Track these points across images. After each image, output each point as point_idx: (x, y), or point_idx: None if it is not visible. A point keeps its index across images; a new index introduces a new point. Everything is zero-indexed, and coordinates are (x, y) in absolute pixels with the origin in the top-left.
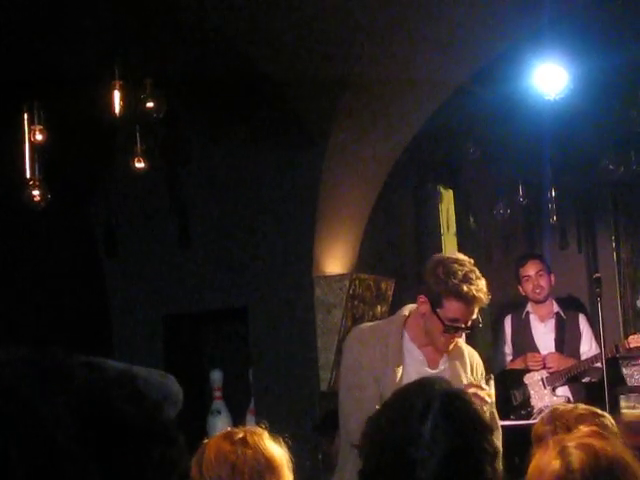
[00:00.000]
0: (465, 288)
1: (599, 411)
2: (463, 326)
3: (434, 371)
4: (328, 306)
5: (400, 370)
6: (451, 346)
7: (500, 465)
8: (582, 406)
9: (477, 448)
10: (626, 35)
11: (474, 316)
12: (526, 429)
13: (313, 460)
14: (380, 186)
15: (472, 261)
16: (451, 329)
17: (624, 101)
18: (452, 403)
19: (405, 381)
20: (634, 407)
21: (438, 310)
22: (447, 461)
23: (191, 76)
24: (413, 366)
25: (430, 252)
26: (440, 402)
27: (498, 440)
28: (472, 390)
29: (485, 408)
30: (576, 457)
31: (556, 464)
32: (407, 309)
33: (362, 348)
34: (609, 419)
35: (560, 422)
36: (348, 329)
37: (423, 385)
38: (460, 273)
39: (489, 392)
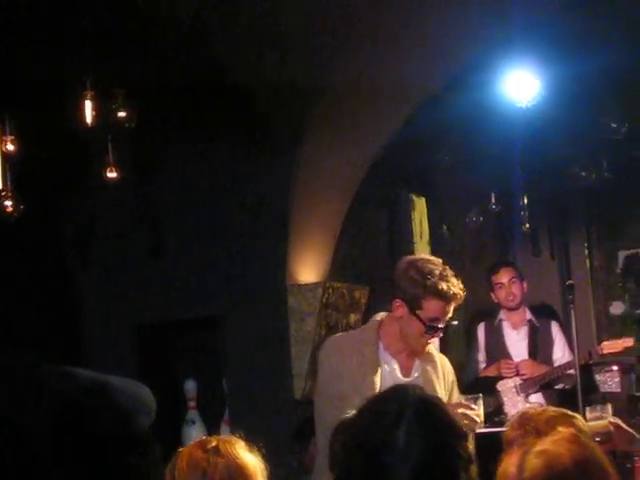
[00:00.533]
0: (444, 286)
1: (569, 412)
2: (442, 325)
3: (408, 379)
4: (302, 315)
5: (378, 379)
6: (427, 348)
7: (474, 471)
8: (552, 409)
9: (451, 454)
10: (597, 42)
11: (450, 316)
12: (499, 436)
13: (288, 469)
14: (352, 194)
15: (440, 260)
16: (432, 329)
17: (596, 108)
18: (426, 409)
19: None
20: (600, 417)
21: (418, 312)
22: (421, 467)
23: (163, 86)
24: (389, 375)
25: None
26: (414, 408)
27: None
28: (461, 410)
29: (475, 428)
30: (530, 464)
31: (513, 470)
32: (379, 317)
33: (340, 358)
34: (580, 420)
35: (530, 426)
36: (322, 338)
37: (397, 391)
38: (436, 272)
39: (478, 412)
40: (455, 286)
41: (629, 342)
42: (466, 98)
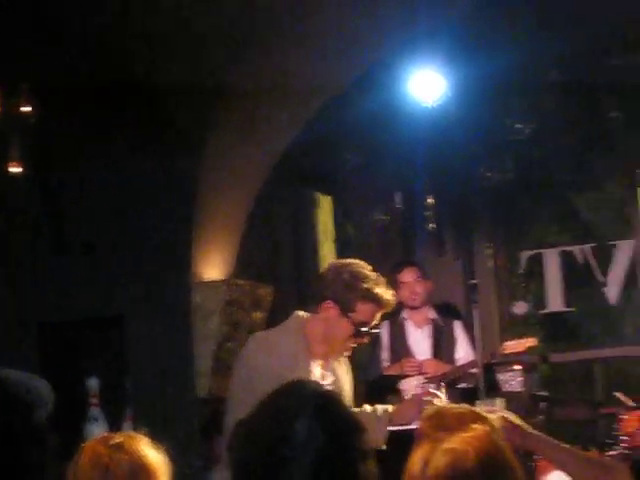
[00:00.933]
0: (380, 292)
1: (477, 409)
2: (370, 330)
3: (326, 382)
4: (206, 312)
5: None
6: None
7: (372, 464)
8: (464, 406)
9: (351, 447)
10: (502, 43)
11: (377, 321)
12: (401, 435)
13: (191, 467)
14: (257, 193)
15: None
16: (360, 333)
17: (501, 108)
18: (325, 404)
19: None
20: (491, 412)
21: (350, 314)
22: (320, 460)
23: (68, 82)
24: (311, 375)
25: (308, 259)
26: (313, 402)
27: None
28: (427, 399)
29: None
30: (435, 462)
31: (416, 468)
32: (301, 315)
33: (265, 357)
34: (491, 420)
35: (441, 421)
36: (226, 335)
37: (295, 387)
38: (372, 277)
39: (443, 400)
40: (389, 292)
41: (531, 342)
42: (372, 97)
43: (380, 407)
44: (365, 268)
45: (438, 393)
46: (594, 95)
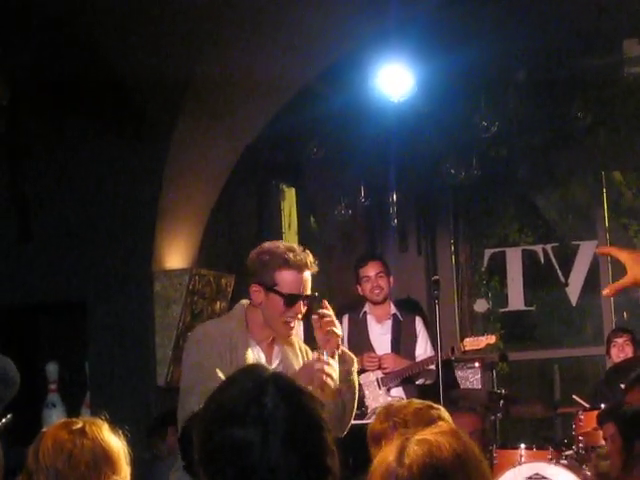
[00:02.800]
0: (292, 256)
1: (434, 405)
2: (302, 296)
3: (272, 366)
4: (167, 301)
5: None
6: (293, 332)
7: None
8: (417, 401)
9: (315, 417)
10: (471, 41)
11: (309, 289)
12: (359, 428)
13: (148, 454)
14: (222, 183)
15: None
16: (291, 300)
17: (467, 106)
18: (284, 381)
19: None
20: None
21: (275, 288)
22: (290, 432)
23: (35, 68)
24: (254, 361)
25: None
26: (273, 381)
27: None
28: (318, 366)
29: (330, 382)
30: (412, 451)
31: (391, 457)
32: (244, 303)
33: (210, 345)
34: (444, 412)
35: (398, 418)
36: (187, 325)
37: (251, 370)
38: (282, 246)
39: (334, 367)
40: (304, 256)
41: (491, 339)
42: (340, 92)
43: None
44: (276, 242)
45: (331, 362)
46: (560, 95)
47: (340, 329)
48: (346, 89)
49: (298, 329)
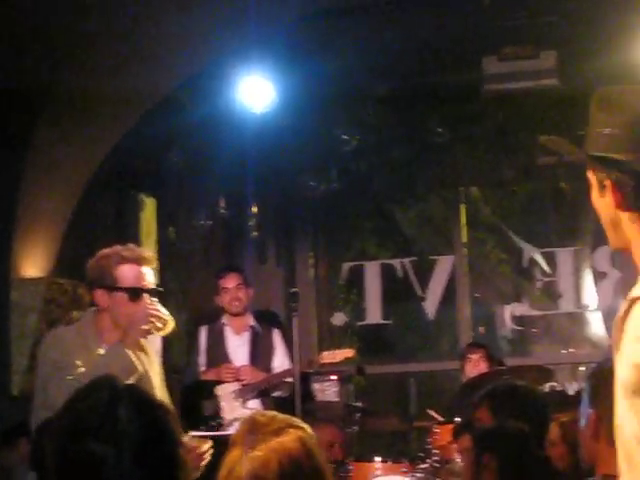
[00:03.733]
0: (128, 252)
1: (297, 421)
2: (146, 290)
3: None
4: (24, 309)
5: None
6: (146, 327)
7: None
8: (281, 416)
9: (168, 432)
10: (331, 54)
11: (152, 284)
12: (215, 440)
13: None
14: (81, 191)
15: None
16: (135, 292)
17: (328, 119)
18: (140, 396)
19: None
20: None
21: (116, 286)
22: (141, 453)
23: None
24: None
25: None
26: (129, 396)
27: None
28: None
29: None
30: (238, 470)
31: (223, 472)
32: (92, 310)
33: (61, 353)
34: (308, 429)
35: (258, 431)
36: (43, 333)
37: (107, 382)
38: (117, 247)
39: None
40: (137, 249)
41: (349, 353)
42: (201, 102)
43: None
44: (114, 246)
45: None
46: (420, 110)
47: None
48: (207, 100)
49: (156, 342)
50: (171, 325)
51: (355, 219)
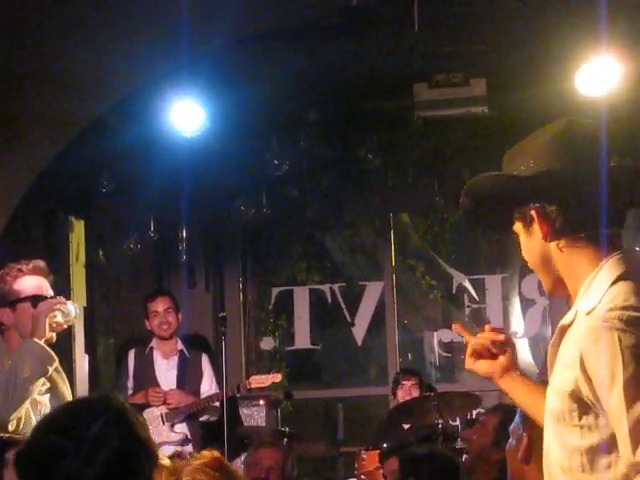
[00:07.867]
0: (23, 265)
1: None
2: (47, 297)
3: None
4: None
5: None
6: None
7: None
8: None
9: (140, 451)
10: (262, 79)
11: (50, 291)
12: None
13: None
14: (9, 213)
15: None
16: (37, 299)
17: (259, 143)
18: (127, 421)
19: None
20: None
21: (19, 297)
22: (113, 465)
23: None
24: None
25: (58, 282)
26: (116, 415)
27: None
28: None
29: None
30: None
31: None
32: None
33: None
34: (232, 466)
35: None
36: None
37: (105, 399)
38: (8, 265)
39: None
40: (32, 262)
41: (277, 377)
42: (132, 126)
43: None
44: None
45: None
46: (351, 136)
47: None
48: (138, 123)
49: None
50: (76, 313)
51: (285, 244)
